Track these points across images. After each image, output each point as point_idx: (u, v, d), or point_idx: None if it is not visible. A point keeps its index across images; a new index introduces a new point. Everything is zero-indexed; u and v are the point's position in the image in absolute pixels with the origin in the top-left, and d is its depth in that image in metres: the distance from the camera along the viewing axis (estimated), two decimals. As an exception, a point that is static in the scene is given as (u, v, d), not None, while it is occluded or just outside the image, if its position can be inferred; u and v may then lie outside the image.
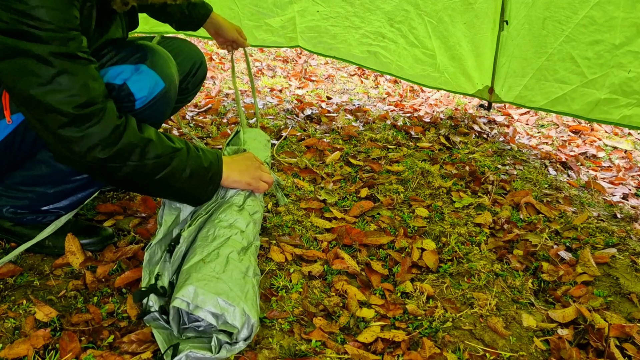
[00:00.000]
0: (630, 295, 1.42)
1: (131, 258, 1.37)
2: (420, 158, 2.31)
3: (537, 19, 2.46)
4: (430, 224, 1.73)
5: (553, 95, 2.50)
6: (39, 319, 1.13)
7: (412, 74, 2.87)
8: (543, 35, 2.44)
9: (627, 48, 2.17)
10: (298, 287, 1.33)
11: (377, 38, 2.75)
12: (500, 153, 2.52)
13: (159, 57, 1.28)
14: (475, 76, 2.84)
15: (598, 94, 2.32)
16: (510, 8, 2.58)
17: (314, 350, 1.13)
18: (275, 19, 2.65)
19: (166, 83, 1.27)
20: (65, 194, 1.33)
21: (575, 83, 2.39)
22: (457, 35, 2.70)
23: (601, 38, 2.24)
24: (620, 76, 2.23)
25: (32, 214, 1.33)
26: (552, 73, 2.47)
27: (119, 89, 1.20)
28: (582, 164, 2.53)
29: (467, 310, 1.31)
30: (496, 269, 1.50)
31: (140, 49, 1.26)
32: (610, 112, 2.31)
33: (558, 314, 1.33)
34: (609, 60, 2.25)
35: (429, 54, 2.76)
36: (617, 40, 2.20)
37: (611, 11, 2.18)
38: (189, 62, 1.61)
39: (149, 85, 1.23)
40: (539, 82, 2.55)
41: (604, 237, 1.75)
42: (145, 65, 1.23)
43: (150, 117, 1.28)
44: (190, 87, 1.66)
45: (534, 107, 2.65)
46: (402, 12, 2.66)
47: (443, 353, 1.16)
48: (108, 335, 1.10)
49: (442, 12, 2.64)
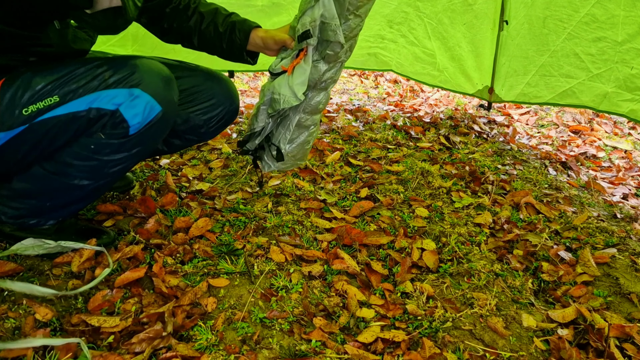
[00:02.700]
0: (630, 295, 1.42)
1: (131, 258, 1.37)
2: (420, 158, 2.31)
3: (538, 18, 2.47)
4: (430, 224, 1.73)
5: (560, 88, 2.53)
6: (38, 319, 1.13)
7: (412, 71, 2.88)
8: (544, 33, 2.46)
9: (629, 45, 2.20)
10: (298, 287, 1.33)
11: (377, 40, 2.75)
12: (500, 153, 2.51)
13: (156, 78, 1.23)
14: (475, 76, 2.84)
15: (605, 87, 2.35)
16: (509, 8, 2.58)
17: (314, 350, 1.13)
18: None
19: (163, 106, 1.22)
20: (60, 207, 1.32)
21: (582, 77, 2.42)
22: (457, 37, 2.70)
23: (603, 35, 2.27)
24: (624, 72, 2.26)
25: (33, 218, 1.32)
26: (557, 68, 2.50)
27: (111, 115, 1.17)
28: (582, 164, 2.53)
29: (467, 310, 1.31)
30: (496, 269, 1.50)
31: (135, 69, 1.20)
32: (619, 105, 2.35)
33: (558, 314, 1.33)
34: (613, 56, 2.28)
35: (429, 53, 2.77)
36: (620, 37, 2.22)
37: (612, 9, 2.20)
38: (220, 108, 1.52)
39: (144, 110, 1.19)
40: (544, 77, 2.57)
41: (604, 237, 1.75)
42: (140, 89, 1.18)
43: (145, 142, 1.25)
44: (212, 131, 1.57)
45: (540, 102, 2.67)
46: (402, 14, 2.66)
47: (443, 353, 1.16)
48: (108, 336, 1.10)
49: (442, 14, 2.64)
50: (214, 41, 1.46)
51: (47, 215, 1.32)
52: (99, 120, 1.18)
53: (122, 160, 1.25)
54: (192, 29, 1.48)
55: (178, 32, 1.47)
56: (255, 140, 1.47)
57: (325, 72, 1.35)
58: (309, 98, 1.38)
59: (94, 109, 1.17)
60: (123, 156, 1.25)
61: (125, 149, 1.23)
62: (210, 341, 1.11)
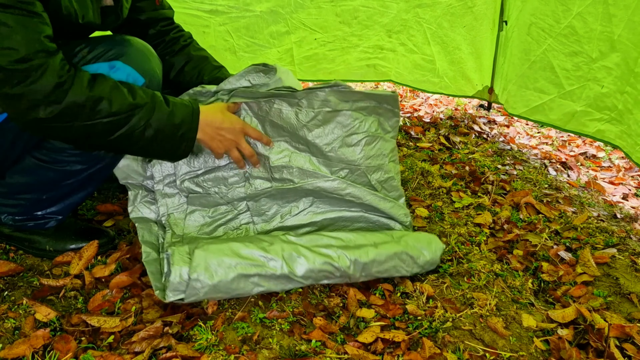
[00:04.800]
0: (630, 295, 1.42)
1: (131, 258, 1.37)
2: (420, 158, 2.31)
3: (524, 24, 2.42)
4: (430, 224, 1.73)
5: (532, 103, 2.46)
6: (38, 319, 1.13)
7: (412, 80, 2.85)
8: (528, 41, 2.41)
9: (601, 62, 2.10)
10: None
11: (376, 51, 2.71)
12: (500, 153, 2.51)
13: (137, 51, 1.22)
14: (475, 78, 2.84)
15: (575, 105, 2.26)
16: (509, 8, 2.58)
17: (314, 350, 1.13)
18: (272, 50, 2.57)
19: (146, 78, 1.21)
20: (58, 198, 1.32)
21: (553, 93, 2.35)
22: (457, 40, 2.68)
23: (580, 49, 2.18)
24: (595, 90, 2.16)
25: (32, 220, 1.32)
26: (533, 82, 2.42)
27: None
28: (582, 164, 2.53)
29: (467, 310, 1.31)
30: (496, 269, 1.50)
31: (116, 44, 1.20)
32: (586, 125, 2.24)
33: (558, 314, 1.33)
34: (587, 72, 2.18)
35: (428, 59, 2.75)
36: (594, 53, 2.13)
37: (591, 22, 2.11)
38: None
39: (126, 81, 1.17)
40: (520, 89, 2.52)
41: (604, 237, 1.75)
42: (121, 62, 1.17)
43: None
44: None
45: (515, 114, 2.61)
46: (400, 22, 2.62)
47: (443, 353, 1.16)
48: (108, 336, 1.10)
49: (442, 18, 2.61)
50: (192, 85, 1.43)
51: (45, 210, 1.32)
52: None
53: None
54: (173, 65, 1.50)
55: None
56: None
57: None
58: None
59: None
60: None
61: None
62: (210, 341, 1.11)
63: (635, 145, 1.97)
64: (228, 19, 2.41)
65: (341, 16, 2.54)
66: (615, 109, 2.09)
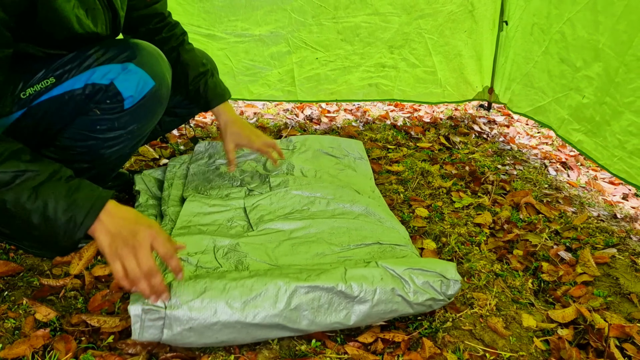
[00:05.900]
0: (630, 295, 1.42)
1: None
2: (420, 158, 2.31)
3: (527, 23, 2.41)
4: (430, 224, 1.73)
5: (537, 103, 2.44)
6: (38, 319, 1.13)
7: (414, 95, 2.81)
8: (530, 41, 2.39)
9: (584, 72, 2.06)
10: (298, 287, 1.33)
11: (378, 69, 2.67)
12: (500, 153, 2.51)
13: (149, 55, 1.25)
14: (475, 80, 2.84)
15: (562, 112, 2.24)
16: (509, 9, 2.58)
17: (314, 350, 1.13)
18: (272, 72, 2.52)
19: (156, 81, 1.24)
20: None
21: (550, 96, 2.35)
22: (458, 46, 2.67)
23: (567, 57, 2.14)
24: (576, 100, 2.13)
25: None
26: (537, 81, 2.41)
27: (106, 89, 1.18)
28: (582, 164, 2.53)
29: (467, 310, 1.31)
30: (496, 269, 1.50)
31: (128, 47, 1.23)
32: (571, 133, 2.22)
33: (558, 314, 1.33)
34: (570, 81, 2.15)
35: (430, 71, 2.71)
36: (578, 62, 2.09)
37: (579, 29, 2.07)
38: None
39: (138, 84, 1.21)
40: (525, 88, 2.51)
41: (604, 237, 1.75)
42: (133, 64, 1.20)
43: (142, 117, 1.26)
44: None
45: (520, 112, 2.60)
46: (402, 35, 2.57)
47: (443, 353, 1.16)
48: (108, 336, 1.10)
49: (443, 26, 2.59)
50: (182, 88, 1.51)
51: None
52: (95, 95, 1.19)
53: (118, 138, 1.26)
54: None
55: None
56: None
57: None
58: None
59: (89, 85, 1.18)
60: (119, 134, 1.26)
61: (120, 126, 1.24)
62: (210, 341, 1.11)
63: (613, 157, 1.95)
64: (226, 44, 2.37)
65: (343, 33, 2.51)
66: (592, 121, 2.06)
